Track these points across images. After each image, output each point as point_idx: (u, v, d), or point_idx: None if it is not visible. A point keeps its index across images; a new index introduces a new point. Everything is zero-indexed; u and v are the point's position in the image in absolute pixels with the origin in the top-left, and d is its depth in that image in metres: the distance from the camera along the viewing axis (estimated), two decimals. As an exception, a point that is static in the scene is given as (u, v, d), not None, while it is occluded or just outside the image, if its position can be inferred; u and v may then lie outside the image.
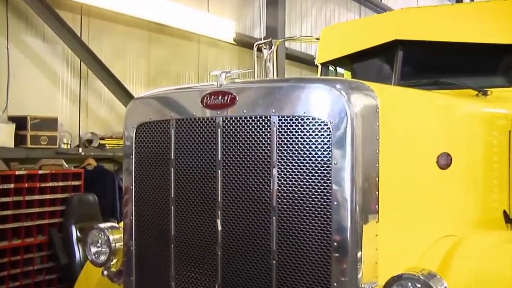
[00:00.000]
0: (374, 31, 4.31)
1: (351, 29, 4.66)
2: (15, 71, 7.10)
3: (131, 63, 8.63)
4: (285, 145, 2.44)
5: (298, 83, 2.50)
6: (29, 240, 6.19)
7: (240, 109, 2.58)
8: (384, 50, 4.18)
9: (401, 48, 4.06)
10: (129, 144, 3.04)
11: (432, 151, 2.92)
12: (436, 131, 2.97)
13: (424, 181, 2.83)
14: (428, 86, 3.73)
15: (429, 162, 2.88)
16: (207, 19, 9.51)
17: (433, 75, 3.97)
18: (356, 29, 4.61)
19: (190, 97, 2.81)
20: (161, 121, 2.89)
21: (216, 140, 2.65)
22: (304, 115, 2.39)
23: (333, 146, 2.32)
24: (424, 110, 2.99)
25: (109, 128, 8.13)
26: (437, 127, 3.00)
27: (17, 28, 7.11)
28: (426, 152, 2.88)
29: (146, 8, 8.29)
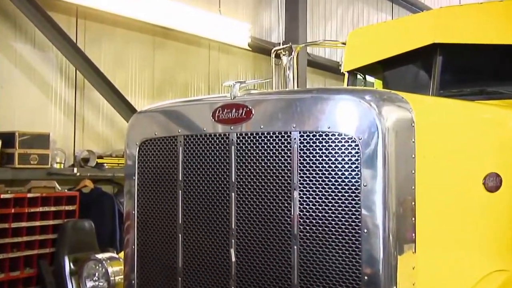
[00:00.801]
0: (409, 33, 4.34)
1: (382, 32, 4.70)
2: (2, 80, 7.27)
3: (133, 72, 8.79)
4: (308, 165, 2.48)
5: (321, 94, 2.55)
6: (14, 274, 6.25)
7: (257, 124, 2.63)
8: (421, 55, 4.20)
9: (440, 52, 4.08)
10: (131, 164, 3.11)
11: (478, 171, 2.92)
12: (482, 149, 2.98)
13: (469, 205, 2.83)
14: (473, 96, 3.74)
15: (474, 184, 2.88)
16: (218, 21, 9.63)
17: (478, 84, 3.97)
18: (388, 31, 4.64)
19: (199, 111, 2.87)
20: (168, 138, 2.95)
21: (229, 159, 2.70)
22: (329, 131, 2.43)
23: (362, 165, 2.35)
24: (468, 124, 3.00)
25: (108, 146, 8.25)
26: (484, 143, 3.00)
27: (4, 32, 7.28)
28: (471, 173, 2.88)
29: (149, 10, 8.38)
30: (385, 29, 4.80)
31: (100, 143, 8.23)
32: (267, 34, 11.24)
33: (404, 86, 4.16)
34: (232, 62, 10.44)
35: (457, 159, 2.81)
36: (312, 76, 12.09)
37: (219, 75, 10.12)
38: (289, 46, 4.83)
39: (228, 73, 10.31)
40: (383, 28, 4.85)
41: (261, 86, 10.60)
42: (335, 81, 12.48)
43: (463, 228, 2.77)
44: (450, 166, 2.75)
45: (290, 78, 4.40)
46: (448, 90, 3.98)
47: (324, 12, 12.61)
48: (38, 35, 7.48)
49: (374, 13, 14.05)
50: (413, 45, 4.24)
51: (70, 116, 7.92)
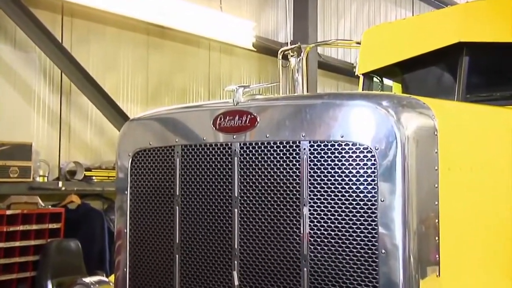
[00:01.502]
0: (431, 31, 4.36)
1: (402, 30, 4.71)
2: (-19, 85, 7.36)
3: (125, 75, 8.84)
4: (319, 178, 2.50)
5: (334, 99, 2.57)
6: (-8, 300, 6.28)
7: (262, 133, 2.65)
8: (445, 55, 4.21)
9: (467, 52, 4.08)
10: (123, 177, 3.13)
11: (509, 185, 2.93)
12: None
13: (500, 224, 2.83)
14: (503, 101, 3.74)
15: (506, 200, 2.89)
16: (219, 19, 9.67)
17: (509, 87, 3.97)
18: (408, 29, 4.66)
19: (199, 118, 2.90)
20: (164, 148, 2.98)
21: (231, 171, 2.73)
22: (342, 140, 2.45)
23: (379, 178, 2.37)
24: (497, 132, 3.01)
25: (97, 157, 8.29)
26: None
27: (-17, 32, 7.39)
28: (502, 187, 2.89)
29: (143, 6, 8.41)
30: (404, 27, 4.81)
31: (88, 154, 8.27)
32: (273, 33, 11.30)
33: (426, 90, 4.17)
34: (234, 64, 10.49)
35: (485, 172, 2.82)
36: (323, 80, 12.12)
37: (220, 79, 10.17)
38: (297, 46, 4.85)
39: (231, 76, 10.36)
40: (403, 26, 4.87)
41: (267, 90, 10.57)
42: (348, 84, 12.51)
43: (493, 249, 2.77)
44: (477, 179, 2.76)
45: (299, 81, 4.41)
46: (475, 95, 3.98)
47: (336, 8, 12.66)
48: (19, 34, 7.55)
49: (392, 9, 14.09)
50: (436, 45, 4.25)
51: (55, 124, 7.97)
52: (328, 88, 12.37)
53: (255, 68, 10.86)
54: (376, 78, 4.90)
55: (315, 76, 11.01)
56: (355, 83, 5.28)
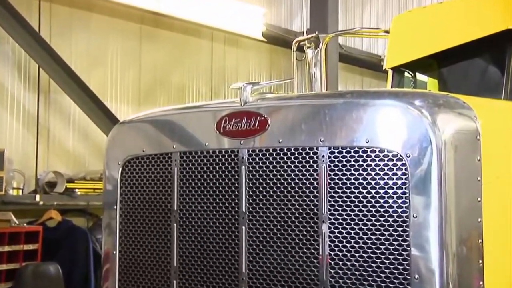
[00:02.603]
0: (474, 17, 4.35)
1: (438, 16, 4.70)
2: None
3: (114, 70, 8.87)
4: (340, 190, 2.51)
5: (358, 98, 2.59)
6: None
7: (274, 138, 2.67)
8: (490, 46, 4.20)
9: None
10: (111, 189, 3.16)
11: None
12: None
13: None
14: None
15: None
16: (224, 5, 9.68)
17: None
18: (445, 15, 4.64)
19: (200, 121, 2.92)
20: (159, 156, 3.00)
21: (238, 182, 2.74)
22: (368, 146, 2.47)
23: (411, 191, 2.38)
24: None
25: (81, 166, 8.30)
26: None
27: None
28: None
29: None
30: (441, 12, 4.80)
31: (71, 162, 8.29)
32: (286, 21, 11.31)
33: (467, 87, 4.17)
34: (241, 58, 10.50)
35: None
36: (345, 75, 12.11)
37: (225, 75, 10.18)
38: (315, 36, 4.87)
39: (237, 71, 10.37)
40: (439, 11, 4.85)
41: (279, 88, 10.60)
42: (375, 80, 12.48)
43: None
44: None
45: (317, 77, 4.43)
46: (526, 93, 3.97)
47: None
48: (-10, 23, 7.59)
49: (427, -9, 14.08)
50: (480, 33, 4.24)
51: (32, 128, 7.99)
52: (351, 85, 12.35)
53: (265, 62, 10.87)
54: (407, 73, 4.90)
55: (336, 71, 11.00)
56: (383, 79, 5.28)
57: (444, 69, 4.69)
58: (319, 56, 4.57)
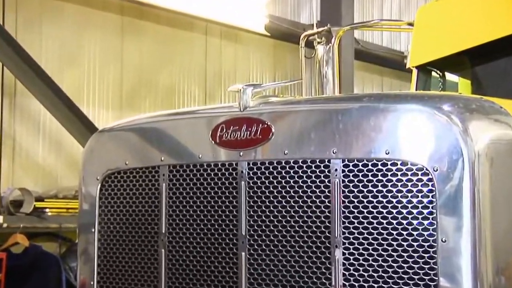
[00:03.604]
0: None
1: (472, 6, 4.69)
2: None
3: (91, 69, 8.87)
4: (356, 210, 2.51)
5: (376, 102, 2.59)
6: None
7: (278, 149, 2.67)
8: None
9: None
10: (88, 209, 3.15)
11: None
12: None
13: None
14: None
15: None
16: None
17: None
18: (480, 5, 4.64)
19: (193, 129, 2.92)
20: (145, 169, 3.00)
21: (237, 201, 2.74)
22: (388, 158, 2.47)
23: (439, 210, 2.38)
24: None
25: (52, 182, 8.30)
26: None
27: None
28: None
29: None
30: (475, 1, 4.80)
31: (40, 177, 8.29)
32: (293, 12, 11.34)
33: (505, 89, 4.17)
34: (241, 55, 10.51)
35: None
36: (362, 75, 12.13)
37: (221, 75, 10.19)
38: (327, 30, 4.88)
39: (235, 71, 10.38)
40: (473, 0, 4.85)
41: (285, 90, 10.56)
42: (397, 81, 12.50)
43: None
44: None
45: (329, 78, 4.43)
46: None
47: (380, -22, 12.71)
48: None
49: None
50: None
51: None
52: (369, 87, 12.37)
53: (268, 60, 10.88)
54: (435, 73, 4.90)
55: (351, 70, 11.01)
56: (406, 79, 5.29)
57: (478, 68, 4.69)
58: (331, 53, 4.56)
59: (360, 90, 11.95)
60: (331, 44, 4.58)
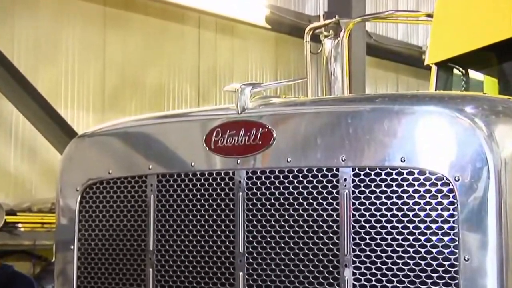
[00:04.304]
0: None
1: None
2: None
3: (70, 67, 8.87)
4: (367, 225, 2.51)
5: (391, 104, 2.60)
6: None
7: (280, 156, 2.68)
8: None
9: None
10: (66, 224, 3.16)
11: None
12: None
13: None
14: None
15: None
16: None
17: None
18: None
19: (184, 133, 2.93)
20: (130, 179, 3.00)
21: (234, 215, 2.74)
22: (404, 166, 2.47)
23: (461, 225, 2.38)
24: None
25: (25, 193, 8.29)
26: None
27: None
28: None
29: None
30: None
31: (12, 188, 8.29)
32: (297, 2, 11.34)
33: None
34: (238, 50, 10.51)
35: None
36: (375, 72, 12.14)
37: (216, 72, 10.19)
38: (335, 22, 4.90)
39: (232, 68, 10.39)
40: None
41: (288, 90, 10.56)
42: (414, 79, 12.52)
43: None
44: None
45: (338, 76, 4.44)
46: None
47: (395, -38, 12.74)
48: None
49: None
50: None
51: (-38, 143, 8.02)
52: (382, 86, 12.39)
53: (269, 55, 10.90)
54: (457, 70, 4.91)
55: (363, 66, 11.03)
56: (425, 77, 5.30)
57: (506, 65, 4.69)
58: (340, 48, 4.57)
59: (373, 89, 11.97)
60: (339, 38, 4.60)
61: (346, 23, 4.76)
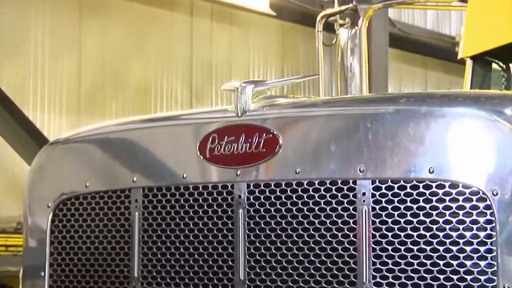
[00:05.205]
0: None
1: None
2: None
3: (39, 61, 8.87)
4: (390, 247, 2.52)
5: (417, 105, 2.61)
6: None
7: (288, 166, 2.69)
8: None
9: None
10: (36, 246, 3.18)
11: None
12: None
13: None
14: None
15: None
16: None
17: None
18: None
19: (175, 140, 2.95)
20: (111, 194, 3.02)
21: (233, 235, 2.76)
22: (432, 179, 2.48)
23: (500, 248, 2.39)
24: None
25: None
26: None
27: None
28: None
29: None
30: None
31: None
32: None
33: None
34: (238, 41, 10.52)
35: None
36: (399, 67, 12.14)
37: (212, 67, 10.19)
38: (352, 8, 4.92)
39: (231, 62, 10.39)
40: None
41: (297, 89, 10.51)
42: (445, 75, 12.51)
43: None
44: None
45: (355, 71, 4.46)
46: None
47: None
48: None
49: None
50: None
51: None
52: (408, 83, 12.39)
53: (274, 48, 10.90)
54: (496, 65, 4.92)
55: (385, 60, 11.01)
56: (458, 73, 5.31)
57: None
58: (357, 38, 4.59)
59: (397, 87, 11.96)
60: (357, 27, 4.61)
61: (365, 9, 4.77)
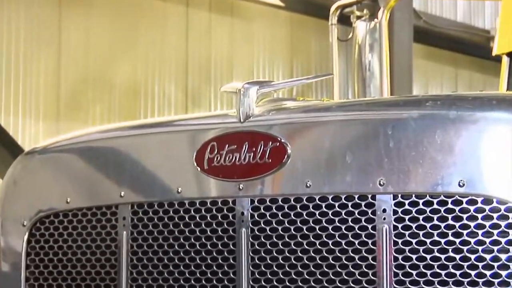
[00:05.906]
0: None
1: None
2: None
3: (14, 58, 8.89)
4: (414, 271, 2.53)
5: (445, 109, 2.62)
6: None
7: (296, 179, 2.71)
8: None
9: None
10: (9, 271, 3.19)
11: None
12: None
13: None
14: None
15: None
16: None
17: None
18: None
19: (168, 149, 2.96)
20: (96, 211, 3.03)
21: (235, 258, 2.77)
22: (463, 193, 2.49)
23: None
24: None
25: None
26: None
27: None
28: None
29: None
30: None
31: None
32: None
33: None
34: (240, 36, 10.54)
35: None
36: (425, 65, 12.15)
37: (210, 66, 10.21)
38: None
39: (232, 60, 10.40)
40: None
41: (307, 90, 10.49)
42: (478, 74, 12.52)
43: None
44: None
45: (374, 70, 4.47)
46: None
47: None
48: None
49: None
50: None
51: None
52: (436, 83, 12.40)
53: (282, 43, 10.92)
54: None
55: (409, 57, 11.01)
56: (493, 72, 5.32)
57: None
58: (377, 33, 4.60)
59: (423, 88, 11.97)
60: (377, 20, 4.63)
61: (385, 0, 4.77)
